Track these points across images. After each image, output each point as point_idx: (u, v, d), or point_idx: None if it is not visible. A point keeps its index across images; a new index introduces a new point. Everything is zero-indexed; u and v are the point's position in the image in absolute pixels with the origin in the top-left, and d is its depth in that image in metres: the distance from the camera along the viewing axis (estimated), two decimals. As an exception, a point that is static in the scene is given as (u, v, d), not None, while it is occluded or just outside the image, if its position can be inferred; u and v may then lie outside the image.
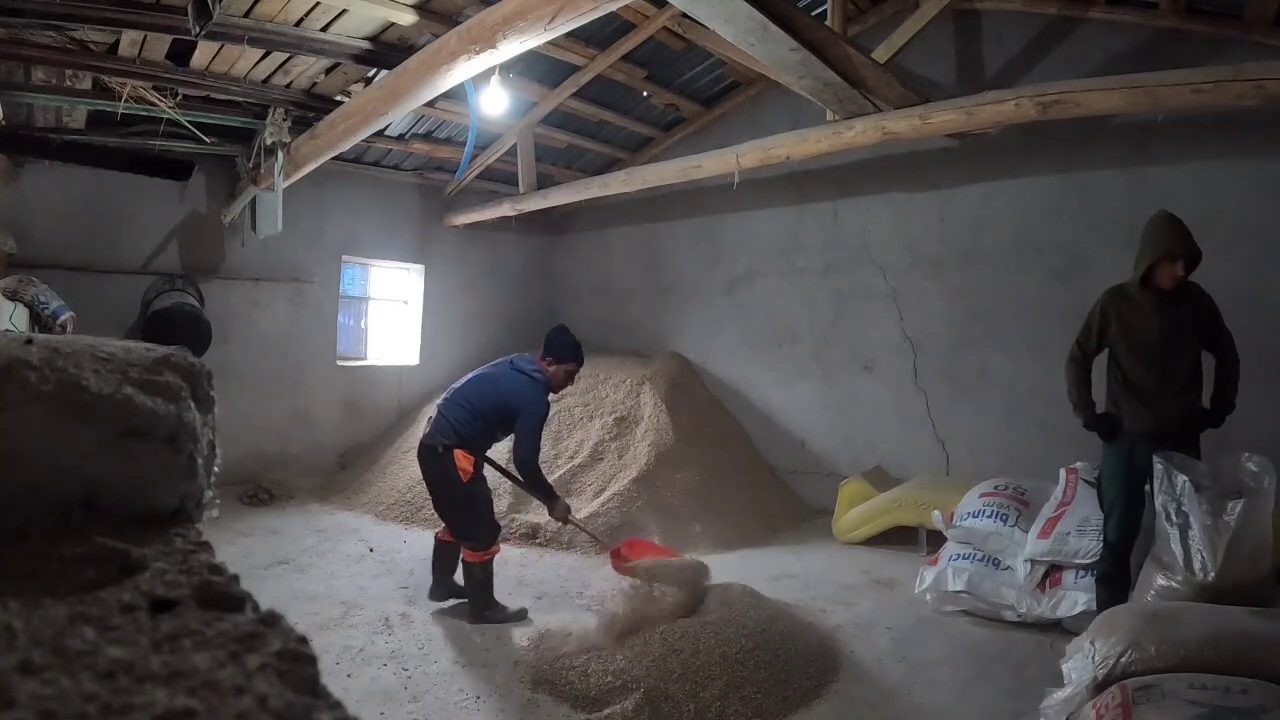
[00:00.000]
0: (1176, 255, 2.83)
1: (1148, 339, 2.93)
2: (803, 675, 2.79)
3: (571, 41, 4.95)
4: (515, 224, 6.92)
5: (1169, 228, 2.86)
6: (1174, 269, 2.83)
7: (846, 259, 5.69)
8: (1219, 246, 3.97)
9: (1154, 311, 2.92)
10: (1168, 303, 2.91)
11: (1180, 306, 2.89)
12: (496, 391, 3.43)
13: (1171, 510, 2.49)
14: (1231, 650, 1.94)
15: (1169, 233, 2.84)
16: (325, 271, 6.16)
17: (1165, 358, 2.90)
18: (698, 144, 6.06)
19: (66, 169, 4.78)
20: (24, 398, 0.44)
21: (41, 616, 0.35)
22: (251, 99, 4.52)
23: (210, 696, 0.30)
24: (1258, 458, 2.47)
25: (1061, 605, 3.29)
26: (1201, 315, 2.90)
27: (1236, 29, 3.97)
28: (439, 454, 3.32)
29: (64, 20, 3.45)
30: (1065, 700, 2.13)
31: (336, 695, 0.32)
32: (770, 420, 6.12)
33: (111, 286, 5.03)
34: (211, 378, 0.56)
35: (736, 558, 4.54)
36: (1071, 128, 4.31)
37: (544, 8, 2.60)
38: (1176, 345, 2.89)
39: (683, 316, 6.74)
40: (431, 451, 3.36)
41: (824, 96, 3.79)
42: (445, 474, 3.33)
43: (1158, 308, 2.91)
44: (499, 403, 3.40)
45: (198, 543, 0.46)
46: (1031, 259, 4.83)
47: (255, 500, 5.34)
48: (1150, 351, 2.94)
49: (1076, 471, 3.64)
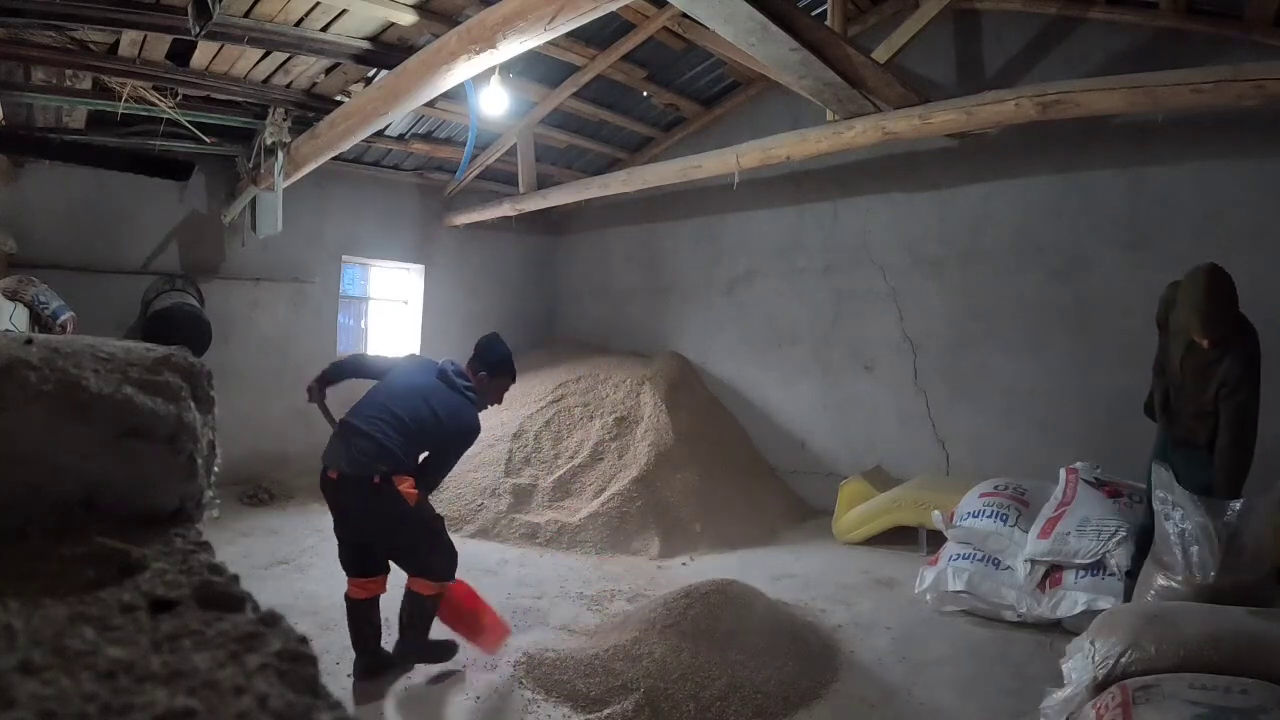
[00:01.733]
0: (1195, 332, 2.70)
1: (1171, 363, 2.92)
2: (803, 675, 2.79)
3: (571, 41, 4.95)
4: (515, 224, 6.92)
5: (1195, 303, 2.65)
6: (1201, 340, 2.70)
7: (846, 259, 5.69)
8: (1219, 246, 3.98)
9: (1185, 345, 2.83)
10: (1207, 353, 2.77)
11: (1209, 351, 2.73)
12: (431, 410, 2.80)
13: (1171, 511, 2.49)
14: (1231, 650, 1.94)
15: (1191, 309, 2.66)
16: (325, 271, 6.16)
17: (1184, 387, 2.85)
18: (698, 144, 6.06)
19: (66, 169, 4.78)
20: (24, 398, 0.44)
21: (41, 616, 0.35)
22: (251, 99, 4.51)
23: (210, 696, 0.30)
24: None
25: (1061, 605, 3.29)
26: (1223, 367, 2.71)
27: (1236, 29, 3.97)
28: (376, 485, 2.64)
29: (64, 20, 3.45)
30: (1065, 700, 2.13)
31: (336, 695, 0.32)
32: (770, 420, 6.11)
33: (111, 286, 5.03)
34: (211, 378, 0.56)
35: (736, 558, 4.54)
36: (1071, 128, 4.31)
37: (544, 8, 2.60)
38: (1193, 386, 2.81)
39: (683, 316, 6.74)
40: (362, 483, 2.65)
41: (824, 96, 3.79)
42: (390, 507, 2.68)
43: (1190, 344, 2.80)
44: (433, 423, 2.79)
45: (198, 543, 0.46)
46: (1031, 259, 4.83)
47: (255, 500, 5.34)
48: (1171, 373, 2.92)
49: (1076, 471, 3.63)
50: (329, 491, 2.74)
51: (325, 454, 2.76)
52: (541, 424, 5.61)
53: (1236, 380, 2.67)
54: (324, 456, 2.76)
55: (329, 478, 2.71)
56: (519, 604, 3.61)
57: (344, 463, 2.67)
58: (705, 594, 3.07)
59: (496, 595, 3.53)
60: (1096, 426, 4.46)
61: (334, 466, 2.69)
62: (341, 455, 2.68)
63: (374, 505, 2.68)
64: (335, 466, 2.69)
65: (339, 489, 2.70)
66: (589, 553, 4.51)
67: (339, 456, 2.69)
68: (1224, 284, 2.65)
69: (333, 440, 2.77)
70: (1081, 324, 4.58)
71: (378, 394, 2.87)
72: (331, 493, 2.73)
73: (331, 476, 2.70)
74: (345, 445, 2.70)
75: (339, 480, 2.68)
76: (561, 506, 4.98)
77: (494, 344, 3.08)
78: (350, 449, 2.68)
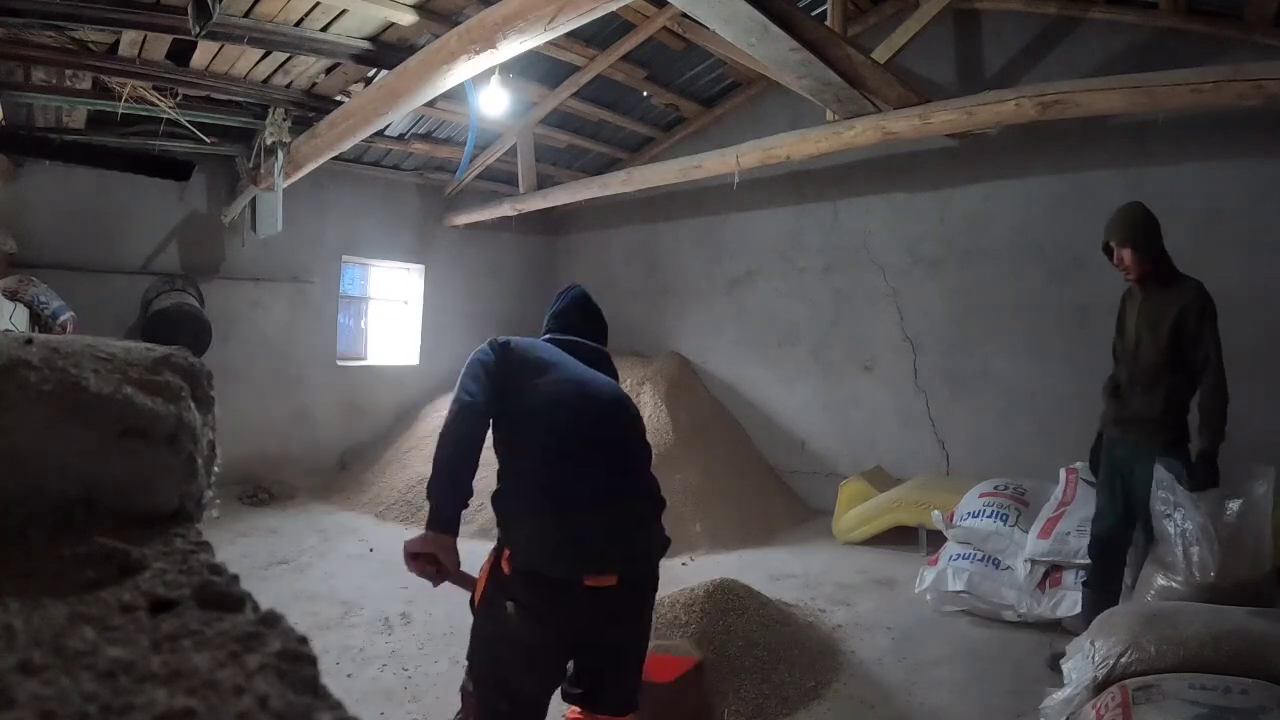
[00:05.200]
0: (1109, 240, 2.85)
1: (1128, 334, 2.94)
2: (803, 675, 2.79)
3: (571, 41, 4.95)
4: (515, 224, 6.92)
5: (1116, 215, 2.85)
6: (1119, 256, 2.83)
7: (846, 259, 5.69)
8: (1219, 246, 3.99)
9: (1139, 306, 2.89)
10: (1153, 298, 2.85)
11: (1164, 303, 2.80)
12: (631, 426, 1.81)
13: (1170, 511, 2.49)
14: (1231, 650, 1.94)
15: (1112, 220, 2.85)
16: (325, 271, 6.17)
17: (1138, 351, 2.87)
18: (698, 144, 6.06)
19: (66, 169, 4.78)
20: (24, 398, 0.44)
21: (41, 616, 0.35)
22: (251, 99, 4.51)
23: (210, 696, 0.30)
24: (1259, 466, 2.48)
25: (1061, 605, 3.29)
26: (1184, 316, 2.74)
27: (1236, 29, 3.97)
28: (648, 586, 1.73)
29: (64, 20, 3.45)
30: (1065, 700, 2.13)
31: (336, 695, 0.32)
32: (770, 420, 6.11)
33: (111, 286, 5.04)
34: (211, 378, 0.56)
35: (736, 558, 4.54)
36: (1071, 128, 4.31)
37: (544, 8, 2.60)
38: (1148, 339, 2.82)
39: (683, 316, 6.74)
40: (638, 587, 1.69)
41: (824, 96, 3.79)
42: (648, 615, 1.78)
43: (1143, 303, 2.88)
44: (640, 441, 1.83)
45: (198, 543, 0.46)
46: (1031, 259, 4.83)
47: (255, 500, 5.34)
48: (1127, 344, 2.93)
49: (1076, 471, 3.64)
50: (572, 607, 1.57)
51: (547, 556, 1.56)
52: (541, 424, 5.61)
53: (1202, 321, 2.69)
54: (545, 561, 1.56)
55: (588, 588, 1.55)
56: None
57: (621, 560, 1.61)
58: (705, 594, 3.07)
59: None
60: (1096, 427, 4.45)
61: (593, 571, 1.57)
62: (604, 551, 1.59)
63: (640, 609, 1.73)
64: (597, 570, 1.57)
65: (605, 602, 1.58)
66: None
67: (599, 555, 1.58)
68: (1146, 212, 2.80)
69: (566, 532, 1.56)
70: (1081, 324, 4.58)
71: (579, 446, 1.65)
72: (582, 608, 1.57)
73: (596, 585, 1.56)
74: (608, 534, 1.60)
75: (614, 590, 1.57)
76: (561, 506, 4.98)
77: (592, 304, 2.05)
78: (622, 539, 1.63)
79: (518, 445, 1.65)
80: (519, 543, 1.58)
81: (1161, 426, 2.78)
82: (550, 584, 1.55)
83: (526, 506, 1.60)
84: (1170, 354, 2.75)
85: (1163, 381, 2.78)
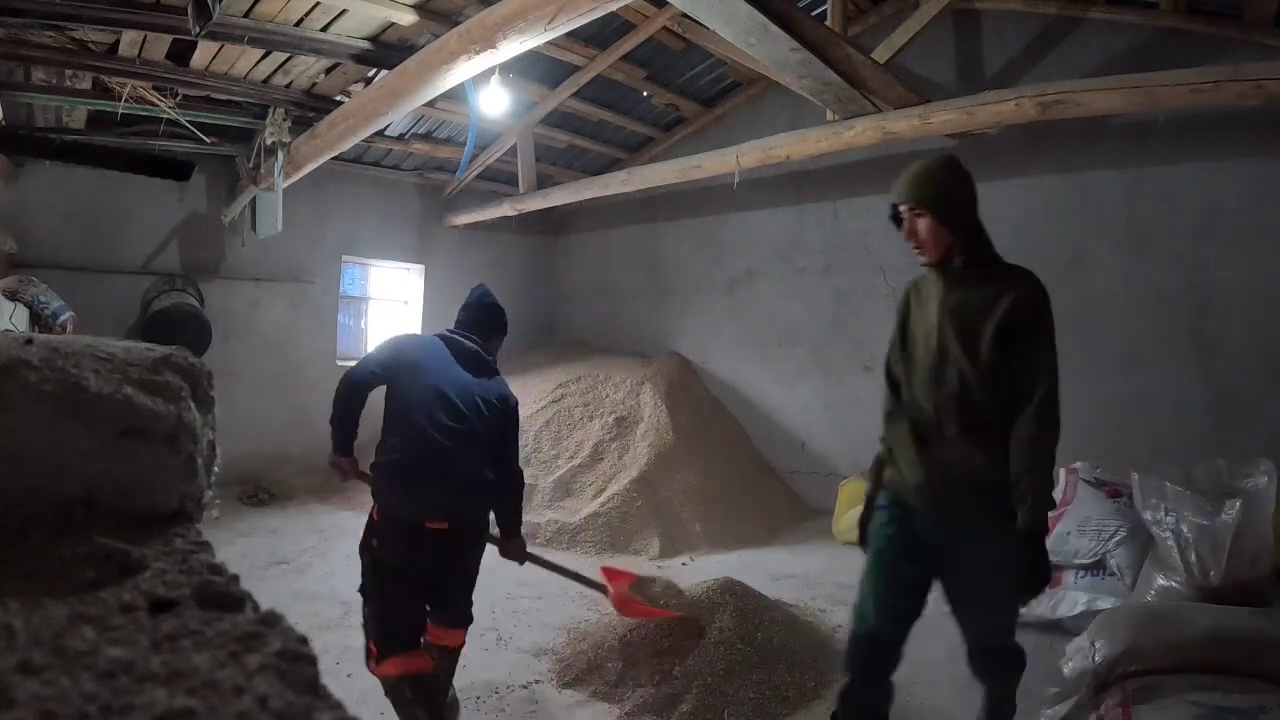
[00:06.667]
0: (897, 202, 2.02)
1: (918, 344, 1.99)
2: (803, 675, 2.79)
3: (571, 41, 4.95)
4: (515, 224, 6.92)
5: (911, 170, 2.02)
6: (911, 226, 1.97)
7: (846, 259, 5.69)
8: (1219, 246, 3.99)
9: (939, 303, 1.93)
10: (961, 293, 1.91)
11: (981, 301, 1.88)
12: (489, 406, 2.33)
13: (1161, 519, 2.48)
14: (1231, 650, 1.94)
15: (905, 175, 2.02)
16: (325, 271, 6.17)
17: (940, 370, 1.90)
18: (698, 144, 6.05)
19: (66, 169, 4.78)
20: (24, 398, 0.44)
21: (41, 616, 0.35)
22: (251, 99, 4.51)
23: (210, 696, 0.30)
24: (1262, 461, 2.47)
25: (1061, 605, 3.29)
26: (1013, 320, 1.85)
27: (1236, 29, 3.97)
28: (474, 535, 2.36)
29: (64, 20, 3.45)
30: (1065, 700, 2.13)
31: (336, 695, 0.32)
32: (770, 420, 6.11)
33: (111, 286, 5.04)
34: (211, 378, 0.56)
35: (736, 558, 4.54)
36: (1071, 128, 4.30)
37: (544, 8, 2.60)
38: (957, 352, 1.87)
39: (683, 316, 6.74)
40: (465, 536, 2.30)
41: (824, 96, 3.79)
42: (475, 558, 2.39)
43: (946, 299, 1.93)
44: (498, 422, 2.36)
45: (198, 543, 0.46)
46: (1031, 259, 4.76)
47: (255, 500, 5.34)
48: (918, 361, 1.97)
49: (1077, 471, 3.64)
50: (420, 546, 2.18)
51: (402, 503, 2.21)
52: (541, 424, 5.61)
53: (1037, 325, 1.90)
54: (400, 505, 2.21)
55: (428, 530, 2.17)
56: (519, 604, 3.60)
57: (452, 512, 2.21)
58: (705, 594, 3.07)
59: (496, 595, 3.53)
60: (1096, 426, 4.45)
61: (435, 518, 2.18)
62: (444, 503, 2.20)
63: (463, 554, 2.32)
64: (437, 518, 2.18)
65: (446, 542, 2.20)
66: (589, 553, 4.50)
67: (439, 505, 2.19)
68: (955, 167, 2.04)
69: (411, 485, 2.22)
70: (1081, 324, 4.57)
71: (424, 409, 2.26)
72: (428, 547, 2.19)
73: (434, 528, 2.17)
74: (446, 489, 2.21)
75: (449, 533, 2.19)
76: (561, 506, 4.98)
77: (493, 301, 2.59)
78: (455, 493, 2.23)
79: (389, 431, 2.32)
80: (383, 498, 2.25)
81: (993, 486, 1.84)
82: (400, 524, 2.20)
83: (390, 475, 2.25)
84: (997, 375, 1.86)
85: (986, 417, 1.86)
